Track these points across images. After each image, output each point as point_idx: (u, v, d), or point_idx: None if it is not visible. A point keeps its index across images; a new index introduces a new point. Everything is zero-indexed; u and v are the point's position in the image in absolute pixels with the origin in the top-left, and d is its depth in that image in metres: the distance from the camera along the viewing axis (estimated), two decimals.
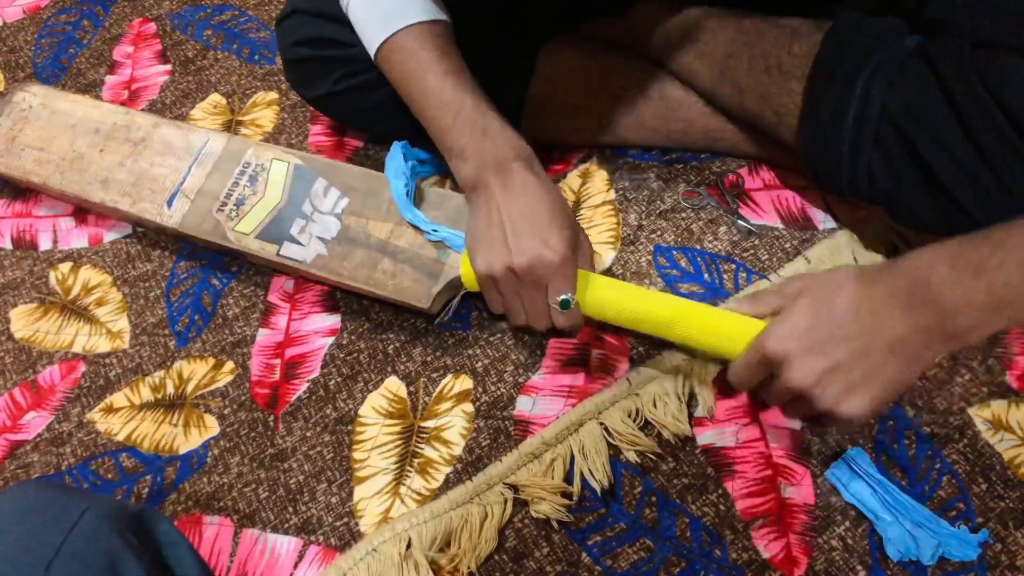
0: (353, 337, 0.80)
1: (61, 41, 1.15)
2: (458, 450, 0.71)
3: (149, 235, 0.91)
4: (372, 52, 0.72)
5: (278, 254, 0.78)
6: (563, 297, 0.64)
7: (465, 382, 0.75)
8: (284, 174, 0.82)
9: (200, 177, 0.84)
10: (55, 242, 0.92)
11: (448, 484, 0.70)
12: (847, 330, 0.54)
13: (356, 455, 0.72)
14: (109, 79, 1.09)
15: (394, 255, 0.76)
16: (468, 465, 0.70)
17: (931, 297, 0.52)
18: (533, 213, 0.64)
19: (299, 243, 0.78)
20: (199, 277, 0.87)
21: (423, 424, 0.73)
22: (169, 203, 0.83)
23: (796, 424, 0.69)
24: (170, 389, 0.79)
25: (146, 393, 0.79)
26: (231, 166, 0.84)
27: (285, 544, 0.69)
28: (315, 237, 0.78)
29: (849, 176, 0.72)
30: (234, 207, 0.81)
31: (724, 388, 0.72)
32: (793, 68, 0.75)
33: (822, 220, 0.81)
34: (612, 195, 0.86)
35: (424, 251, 0.75)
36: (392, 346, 0.79)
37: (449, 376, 0.76)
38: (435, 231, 0.74)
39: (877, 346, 0.53)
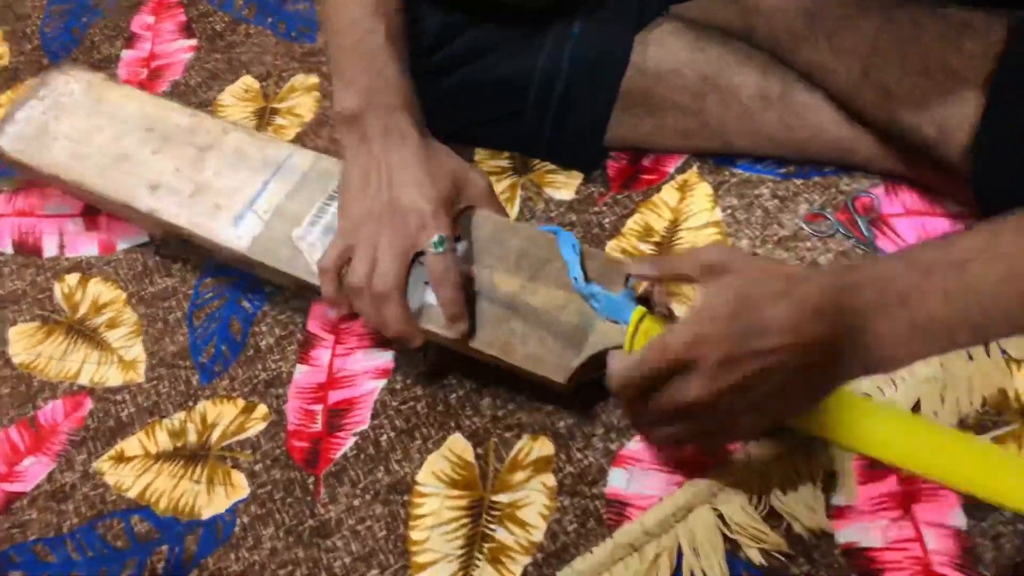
0: (408, 381, 0.67)
1: (73, 8, 1.01)
2: (538, 535, 0.59)
3: (169, 245, 0.78)
4: None
5: None
6: (438, 235, 0.58)
7: (545, 446, 0.62)
8: None
9: (278, 195, 0.69)
10: (61, 247, 0.80)
11: None
12: (765, 344, 0.45)
13: (414, 535, 0.60)
14: (126, 54, 0.96)
15: (525, 316, 0.60)
16: (551, 556, 0.58)
17: (853, 326, 0.45)
18: (410, 163, 0.61)
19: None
20: (227, 298, 0.74)
21: (495, 498, 0.61)
22: (237, 222, 0.68)
23: (960, 521, 0.56)
24: (192, 437, 0.67)
25: (164, 440, 0.67)
26: (319, 189, 0.68)
27: None
28: (423, 283, 0.61)
29: None
30: (321, 234, 0.66)
31: (871, 469, 0.58)
32: (965, 70, 0.61)
33: None
34: (718, 214, 0.72)
35: (563, 315, 0.59)
36: (455, 394, 0.66)
37: (525, 438, 0.63)
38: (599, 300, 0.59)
39: (791, 365, 0.46)
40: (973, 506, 0.56)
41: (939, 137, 0.62)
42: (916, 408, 0.60)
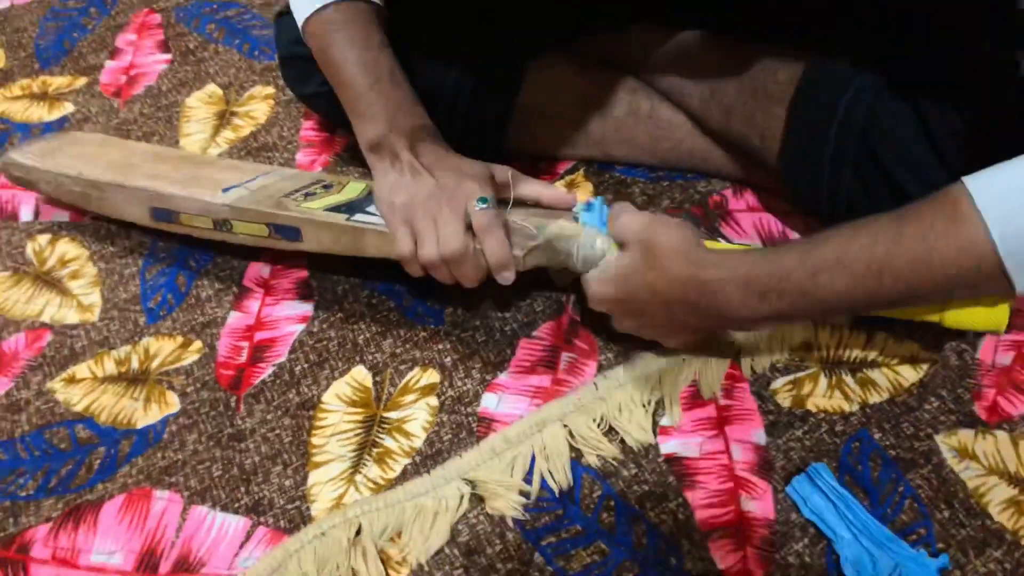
0: (324, 325, 0.79)
1: (66, 25, 1.16)
2: (418, 442, 0.70)
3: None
4: (300, 24, 0.75)
5: (348, 220, 0.73)
6: (481, 196, 0.67)
7: (432, 376, 0.75)
8: (364, 186, 0.80)
9: (267, 182, 0.81)
10: (36, 214, 0.92)
11: (406, 475, 0.68)
12: (650, 306, 0.65)
13: (315, 440, 0.71)
14: (109, 64, 1.10)
15: None
16: (427, 458, 0.69)
17: (718, 309, 0.61)
18: (444, 157, 0.70)
19: (377, 215, 0.73)
20: (177, 259, 0.87)
21: (386, 415, 0.72)
22: (224, 193, 0.79)
23: (761, 439, 0.68)
24: (135, 364, 0.78)
25: (110, 366, 0.78)
26: (306, 180, 0.82)
27: (233, 524, 0.67)
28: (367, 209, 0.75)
29: (829, 201, 0.73)
30: (302, 196, 0.78)
31: (692, 400, 0.71)
32: (778, 93, 0.76)
33: None
34: None
35: (525, 223, 0.71)
36: (363, 336, 0.78)
37: (417, 369, 0.75)
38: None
39: (673, 322, 0.66)
40: (772, 426, 0.69)
41: (761, 145, 0.77)
42: (738, 355, 0.74)
